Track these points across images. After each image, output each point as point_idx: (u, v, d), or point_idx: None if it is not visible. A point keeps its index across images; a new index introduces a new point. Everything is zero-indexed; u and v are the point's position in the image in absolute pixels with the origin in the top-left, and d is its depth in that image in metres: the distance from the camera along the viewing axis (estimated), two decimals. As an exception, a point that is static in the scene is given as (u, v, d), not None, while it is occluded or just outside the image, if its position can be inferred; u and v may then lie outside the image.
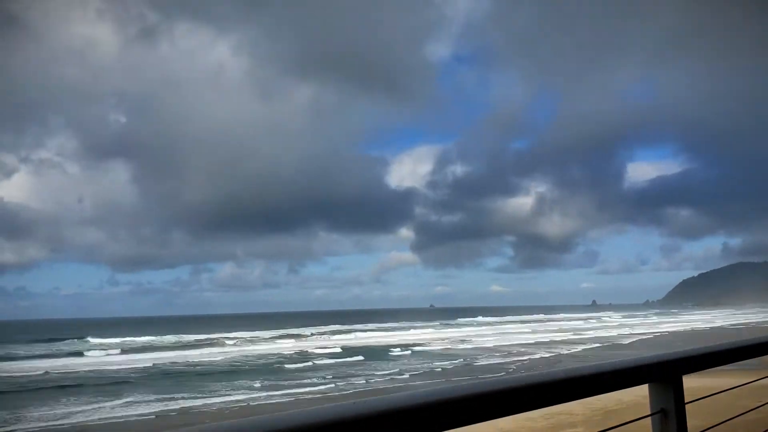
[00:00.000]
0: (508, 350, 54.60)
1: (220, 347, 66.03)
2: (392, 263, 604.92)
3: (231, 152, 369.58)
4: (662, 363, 2.43)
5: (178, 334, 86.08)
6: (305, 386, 33.71)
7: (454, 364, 43.40)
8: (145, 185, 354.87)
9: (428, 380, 35.31)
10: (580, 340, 65.13)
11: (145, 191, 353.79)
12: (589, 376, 2.10)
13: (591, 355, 49.11)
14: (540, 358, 46.60)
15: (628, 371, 2.27)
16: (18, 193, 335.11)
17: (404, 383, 34.23)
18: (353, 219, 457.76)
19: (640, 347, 56.32)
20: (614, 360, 2.29)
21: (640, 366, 2.34)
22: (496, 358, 47.33)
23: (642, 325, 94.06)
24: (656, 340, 64.43)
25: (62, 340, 79.62)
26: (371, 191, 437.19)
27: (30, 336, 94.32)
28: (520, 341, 65.13)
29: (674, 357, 2.49)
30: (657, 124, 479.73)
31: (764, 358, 3.39)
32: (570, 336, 72.16)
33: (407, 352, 54.28)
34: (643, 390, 2.47)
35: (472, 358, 47.42)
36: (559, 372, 2.01)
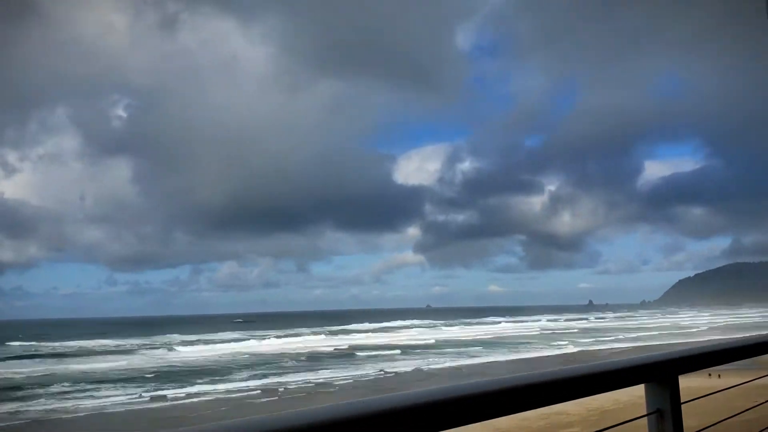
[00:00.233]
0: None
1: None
2: (396, 263, 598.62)
3: (239, 149, 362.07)
4: (658, 363, 2.44)
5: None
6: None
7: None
8: (150, 182, 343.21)
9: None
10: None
11: (150, 188, 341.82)
12: (585, 376, 2.10)
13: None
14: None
15: (624, 371, 2.27)
16: (21, 190, 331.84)
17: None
18: (361, 217, 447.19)
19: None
20: (610, 360, 2.30)
21: (637, 366, 2.35)
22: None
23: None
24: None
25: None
26: (380, 189, 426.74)
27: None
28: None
29: (670, 357, 2.50)
30: (679, 118, 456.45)
31: (759, 359, 3.41)
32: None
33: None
34: (640, 390, 2.48)
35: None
36: (556, 372, 2.02)
